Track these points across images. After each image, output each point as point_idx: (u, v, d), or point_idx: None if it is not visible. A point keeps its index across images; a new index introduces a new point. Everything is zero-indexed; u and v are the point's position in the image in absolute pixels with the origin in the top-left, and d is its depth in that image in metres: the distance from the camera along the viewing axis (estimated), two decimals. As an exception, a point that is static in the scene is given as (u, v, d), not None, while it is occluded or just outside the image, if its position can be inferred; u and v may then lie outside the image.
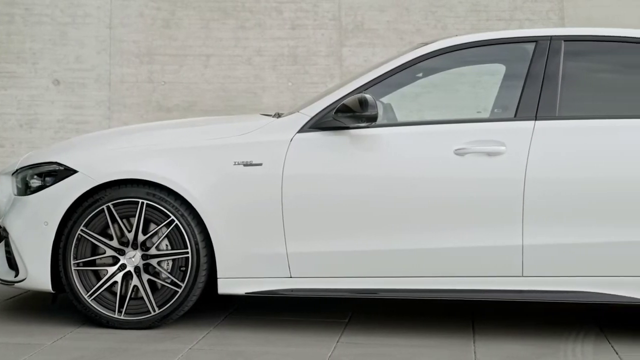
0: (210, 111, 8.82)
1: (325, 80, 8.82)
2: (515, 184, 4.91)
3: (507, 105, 5.34)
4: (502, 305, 5.76)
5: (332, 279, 5.04)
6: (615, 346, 4.93)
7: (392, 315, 5.59)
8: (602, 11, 8.74)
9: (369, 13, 8.88)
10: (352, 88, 5.17)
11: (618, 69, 5.32)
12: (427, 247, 4.95)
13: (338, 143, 5.06)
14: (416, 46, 5.45)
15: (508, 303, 5.67)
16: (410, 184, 4.98)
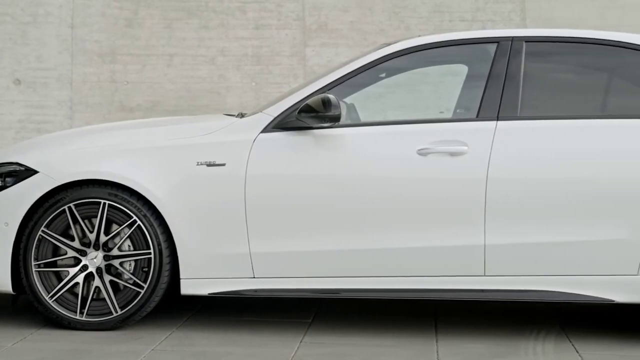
0: (173, 111, 8.79)
1: (289, 80, 8.81)
2: (477, 183, 4.94)
3: (469, 105, 5.37)
4: (465, 304, 5.80)
5: (295, 279, 5.04)
6: (576, 345, 4.97)
7: (356, 315, 5.60)
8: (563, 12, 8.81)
9: (332, 13, 8.89)
10: (316, 88, 5.17)
11: (579, 70, 5.38)
12: (390, 246, 4.97)
13: (301, 143, 5.06)
14: (379, 46, 5.47)
15: (470, 302, 5.70)
16: (373, 184, 4.99)
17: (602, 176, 4.89)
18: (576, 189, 4.90)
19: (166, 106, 8.83)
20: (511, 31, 5.26)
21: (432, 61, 5.66)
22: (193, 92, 8.86)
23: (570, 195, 4.90)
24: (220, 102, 8.82)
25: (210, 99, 8.84)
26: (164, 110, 8.80)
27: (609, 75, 5.32)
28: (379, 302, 5.82)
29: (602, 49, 5.18)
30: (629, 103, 5.21)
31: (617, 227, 4.87)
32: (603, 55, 5.20)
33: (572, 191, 4.90)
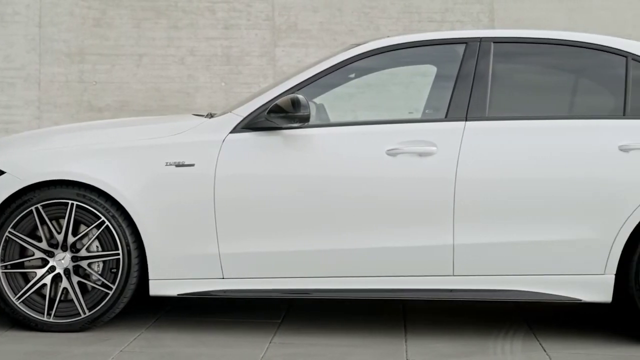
0: (142, 111, 8.75)
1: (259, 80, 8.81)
2: (446, 184, 4.96)
3: (438, 106, 5.39)
4: (434, 303, 5.82)
5: (265, 279, 5.04)
6: (544, 343, 5.01)
7: (325, 315, 5.61)
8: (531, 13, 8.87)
9: (302, 14, 8.89)
10: (285, 88, 5.17)
11: (546, 70, 5.41)
12: (360, 246, 4.98)
13: (270, 143, 5.06)
14: (348, 47, 5.48)
15: (440, 301, 5.72)
16: (343, 184, 5.00)
17: (568, 176, 4.92)
18: (544, 189, 4.93)
19: (135, 106, 8.79)
20: (479, 32, 5.29)
21: (401, 62, 5.68)
22: (162, 92, 8.83)
23: (538, 196, 4.93)
24: (190, 102, 8.79)
25: (180, 99, 8.81)
26: (133, 111, 8.76)
27: (576, 75, 5.36)
28: (349, 302, 5.83)
29: (569, 50, 5.22)
30: (595, 103, 5.26)
31: (584, 226, 4.91)
32: (570, 56, 5.24)
33: (540, 191, 4.93)
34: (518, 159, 4.96)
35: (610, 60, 5.13)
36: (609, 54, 5.13)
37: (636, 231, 4.89)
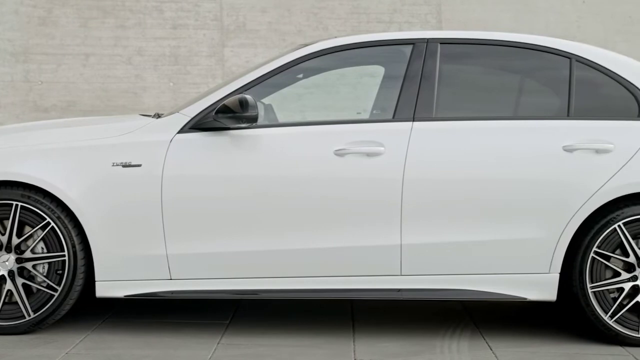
0: (89, 111, 8.67)
1: (207, 80, 8.77)
2: (393, 184, 4.99)
3: (385, 106, 5.42)
4: (382, 303, 5.84)
5: (213, 280, 5.02)
6: (490, 342, 5.05)
7: (274, 315, 5.60)
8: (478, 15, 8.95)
9: (250, 14, 8.88)
10: (233, 89, 5.16)
11: (492, 71, 5.46)
12: (308, 247, 4.98)
13: (218, 144, 5.04)
14: (297, 47, 5.48)
15: (388, 301, 5.75)
16: (291, 185, 5.00)
17: (514, 176, 4.97)
18: (490, 189, 4.98)
19: (82, 106, 8.70)
20: (426, 33, 5.32)
21: (349, 62, 5.70)
22: (109, 92, 8.75)
23: (484, 195, 4.97)
24: (137, 102, 8.73)
25: (127, 99, 8.74)
26: (80, 111, 8.67)
27: (522, 76, 5.42)
28: (297, 302, 5.83)
29: (515, 51, 5.27)
30: (540, 104, 5.32)
31: (529, 226, 4.96)
32: (516, 57, 5.29)
33: (486, 191, 4.97)
34: (465, 160, 5.00)
35: (555, 61, 5.19)
36: (554, 55, 5.19)
37: (580, 230, 4.96)
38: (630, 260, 4.96)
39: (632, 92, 5.11)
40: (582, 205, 4.93)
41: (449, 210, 4.97)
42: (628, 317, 4.97)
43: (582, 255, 4.96)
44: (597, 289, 4.96)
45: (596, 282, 4.96)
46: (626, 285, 4.97)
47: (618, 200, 4.96)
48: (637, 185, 4.94)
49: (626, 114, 5.09)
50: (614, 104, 5.12)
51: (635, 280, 4.96)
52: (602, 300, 4.97)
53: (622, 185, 4.93)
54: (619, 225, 4.93)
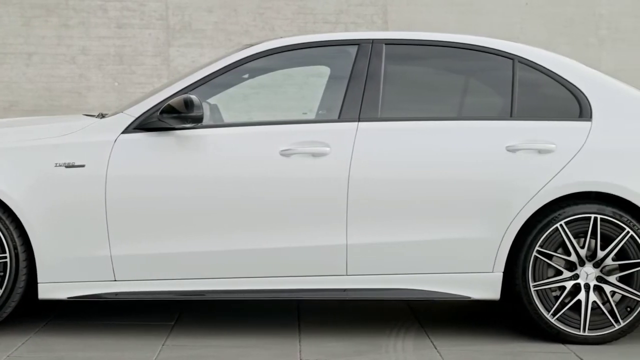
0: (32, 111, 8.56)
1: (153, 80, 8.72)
2: (339, 184, 5.00)
3: (331, 106, 5.43)
4: (328, 303, 5.85)
5: (158, 281, 4.99)
6: (435, 341, 5.09)
7: (220, 316, 5.58)
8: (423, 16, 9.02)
9: (196, 13, 8.84)
10: (178, 89, 5.13)
11: (437, 72, 5.50)
12: (254, 247, 4.98)
13: (163, 144, 5.02)
14: (242, 47, 5.47)
15: (334, 301, 5.76)
16: (236, 185, 4.99)
17: (459, 176, 5.02)
18: (435, 189, 5.01)
19: (25, 106, 8.59)
20: (371, 34, 5.34)
21: (295, 62, 5.70)
22: (53, 92, 8.66)
23: (429, 195, 5.01)
24: (82, 102, 8.65)
25: (71, 99, 8.66)
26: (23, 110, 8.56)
27: (466, 77, 5.46)
28: (244, 303, 5.82)
29: (459, 52, 5.31)
30: (484, 105, 5.37)
31: (473, 226, 5.00)
32: (460, 58, 5.34)
33: (431, 191, 5.01)
34: (409, 160, 5.03)
35: (498, 62, 5.24)
36: (497, 56, 5.25)
37: (523, 230, 5.01)
38: (571, 259, 5.03)
39: (574, 93, 5.18)
40: (524, 205, 4.99)
41: (394, 210, 5.00)
42: (570, 315, 5.03)
43: (525, 255, 5.02)
44: (540, 288, 5.02)
45: (539, 280, 5.02)
46: (568, 283, 5.04)
47: (560, 199, 5.03)
48: (578, 185, 5.01)
49: (568, 114, 5.16)
50: (556, 104, 5.19)
51: (577, 278, 5.03)
52: (544, 298, 5.03)
53: (563, 185, 5.00)
54: (560, 225, 5.00)
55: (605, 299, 5.04)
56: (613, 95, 5.20)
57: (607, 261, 5.03)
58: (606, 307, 5.03)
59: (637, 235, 4.98)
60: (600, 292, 5.04)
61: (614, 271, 5.05)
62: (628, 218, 5.00)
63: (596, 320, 5.03)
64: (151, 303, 5.74)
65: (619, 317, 5.02)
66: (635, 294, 5.01)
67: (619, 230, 5.00)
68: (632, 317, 5.02)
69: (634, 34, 9.34)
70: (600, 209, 5.01)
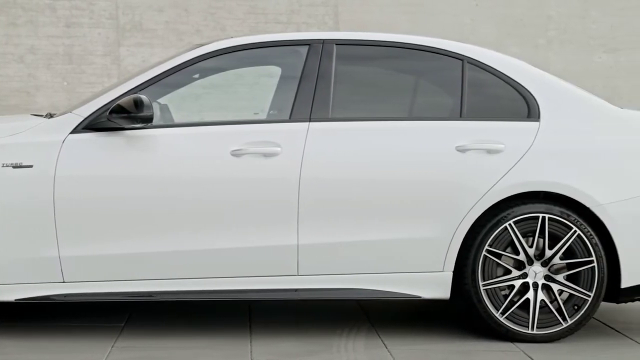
0: (-21, 111, 8.45)
1: (103, 80, 8.65)
2: (290, 184, 5.00)
3: (282, 106, 5.43)
4: (280, 303, 5.85)
5: (107, 282, 4.96)
6: (385, 341, 5.11)
7: (170, 317, 5.56)
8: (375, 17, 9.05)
9: (147, 13, 8.79)
10: (127, 88, 5.10)
11: (388, 73, 5.53)
12: (204, 248, 4.96)
13: (113, 144, 4.98)
14: (193, 47, 5.45)
15: (285, 301, 5.76)
16: (187, 186, 4.97)
17: (409, 176, 5.04)
18: (385, 189, 5.03)
19: (-28, 106, 8.48)
20: (322, 34, 5.35)
21: (246, 62, 5.69)
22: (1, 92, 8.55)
23: (379, 195, 5.03)
24: (30, 101, 8.55)
25: (19, 99, 8.55)
26: (-30, 110, 8.45)
27: (416, 78, 5.49)
28: (195, 304, 5.80)
29: (409, 53, 5.34)
30: (434, 105, 5.41)
31: (424, 226, 5.03)
32: (410, 59, 5.37)
33: (382, 191, 5.03)
34: (360, 160, 5.05)
35: (448, 63, 5.28)
36: (447, 57, 5.28)
37: (472, 229, 5.05)
38: (520, 258, 5.08)
39: (522, 94, 5.23)
40: (474, 204, 5.03)
41: (345, 210, 5.01)
42: (518, 313, 5.08)
43: (475, 254, 5.06)
44: (489, 287, 5.07)
45: (488, 279, 5.07)
46: (517, 282, 5.09)
47: (509, 199, 5.07)
48: (526, 185, 5.06)
49: (516, 115, 5.21)
50: (504, 105, 5.24)
51: (525, 277, 5.09)
52: (493, 297, 5.07)
53: (512, 185, 5.05)
54: (509, 224, 5.05)
55: (553, 298, 5.10)
56: (561, 96, 5.26)
57: (554, 260, 5.09)
58: (554, 305, 5.09)
59: (584, 234, 5.05)
60: (549, 290, 5.10)
61: (561, 270, 5.12)
62: (575, 217, 5.06)
63: (544, 318, 5.09)
64: (101, 304, 5.70)
65: (566, 316, 5.08)
66: (582, 293, 5.07)
67: (567, 229, 5.06)
68: (579, 315, 5.09)
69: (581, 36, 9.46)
70: (548, 209, 5.07)
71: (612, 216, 5.05)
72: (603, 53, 9.50)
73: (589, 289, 5.08)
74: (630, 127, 5.25)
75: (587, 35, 9.46)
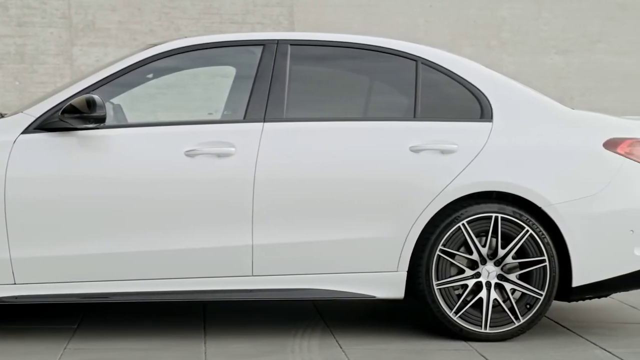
0: None
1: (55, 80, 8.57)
2: (245, 185, 4.99)
3: (237, 107, 5.42)
4: (234, 304, 5.84)
5: (60, 284, 4.91)
6: (340, 341, 5.12)
7: (124, 319, 5.52)
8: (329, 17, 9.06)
9: (100, 12, 8.72)
10: (80, 88, 5.06)
11: (342, 73, 5.54)
12: (159, 249, 4.93)
13: (65, 144, 4.94)
14: (146, 47, 5.42)
15: (240, 302, 5.74)
16: (141, 186, 4.94)
17: (363, 177, 5.05)
18: (340, 190, 5.04)
19: None
20: (277, 34, 5.35)
21: (200, 62, 5.68)
22: (-49, 91, 8.44)
23: (333, 196, 5.03)
24: (-19, 101, 8.44)
25: (-30, 99, 8.45)
26: None
27: (371, 78, 5.51)
28: (149, 305, 5.76)
29: (364, 54, 5.35)
30: (388, 106, 5.43)
31: (378, 226, 5.05)
32: (365, 60, 5.38)
33: (336, 191, 5.04)
34: (314, 160, 5.05)
35: (402, 63, 5.30)
36: (401, 57, 5.30)
37: (426, 229, 5.08)
38: (473, 258, 5.12)
39: (475, 95, 5.27)
40: (428, 204, 5.05)
41: (299, 210, 5.01)
42: (472, 312, 5.12)
43: (429, 254, 5.08)
44: (443, 286, 5.09)
45: (442, 279, 5.09)
46: (470, 282, 5.12)
47: (462, 199, 5.10)
48: (479, 185, 5.10)
49: (470, 115, 5.24)
50: (458, 105, 5.27)
51: (479, 277, 5.12)
52: (447, 297, 5.10)
53: (465, 185, 5.08)
54: (463, 224, 5.08)
55: (506, 297, 5.14)
56: (513, 97, 5.30)
57: (507, 259, 5.13)
58: (507, 304, 5.13)
59: (536, 234, 5.10)
60: (501, 289, 5.14)
61: (514, 269, 5.16)
62: (528, 217, 5.11)
63: (497, 317, 5.13)
64: (53, 306, 5.64)
65: (519, 314, 5.12)
66: (534, 292, 5.12)
67: (519, 229, 5.10)
68: (532, 314, 5.13)
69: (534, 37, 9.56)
70: (501, 209, 5.11)
71: (564, 216, 5.10)
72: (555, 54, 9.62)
73: (541, 288, 5.13)
74: (581, 128, 5.31)
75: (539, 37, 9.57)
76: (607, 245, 5.16)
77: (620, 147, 5.23)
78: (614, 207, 5.17)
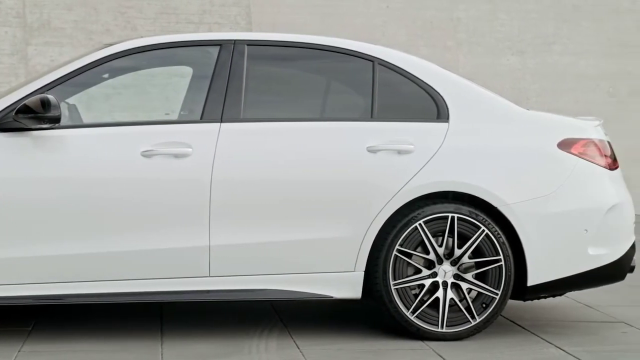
0: None
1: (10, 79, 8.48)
2: (201, 185, 4.98)
3: (194, 107, 5.41)
4: (192, 305, 5.82)
5: (13, 285, 4.86)
6: (298, 341, 5.12)
7: (80, 321, 5.47)
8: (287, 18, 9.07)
9: (55, 11, 8.65)
10: (35, 88, 5.02)
11: (300, 73, 5.54)
12: (114, 250, 4.90)
13: (19, 145, 4.89)
14: (101, 46, 5.38)
15: (197, 303, 5.73)
16: (96, 187, 4.91)
17: (320, 177, 5.06)
18: (297, 190, 5.05)
19: None
20: (234, 34, 5.34)
21: (156, 62, 5.66)
22: None
23: (291, 196, 5.04)
24: None
25: None
26: None
27: (328, 79, 5.52)
28: (105, 306, 5.72)
29: (321, 54, 5.37)
30: (346, 106, 5.44)
31: (335, 226, 5.06)
32: (322, 60, 5.39)
33: (293, 192, 5.04)
34: (272, 161, 5.05)
35: (359, 64, 5.31)
36: (357, 58, 5.32)
37: (383, 229, 5.10)
38: (430, 258, 5.14)
39: (431, 95, 5.30)
40: (385, 204, 5.07)
41: (256, 211, 5.01)
42: (428, 312, 5.14)
43: (386, 254, 5.10)
44: (400, 286, 5.11)
45: (399, 279, 5.11)
46: (427, 281, 5.15)
47: (419, 199, 5.13)
48: (436, 185, 5.13)
49: (426, 116, 5.27)
50: (414, 106, 5.29)
51: (435, 276, 5.15)
52: (404, 296, 5.12)
53: (422, 185, 5.11)
54: (419, 224, 5.10)
55: (462, 296, 5.18)
56: (469, 98, 5.34)
57: (463, 259, 5.16)
58: (463, 304, 5.17)
59: (492, 234, 5.14)
60: (458, 289, 5.17)
61: (470, 269, 5.19)
62: (484, 217, 5.14)
63: (453, 317, 5.16)
64: (6, 308, 5.58)
65: (475, 314, 5.16)
66: (490, 291, 5.16)
67: (475, 229, 5.14)
68: (487, 313, 5.17)
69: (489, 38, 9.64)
70: (457, 209, 5.14)
71: (519, 216, 5.15)
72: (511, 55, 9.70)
73: (496, 287, 5.17)
74: (536, 128, 5.36)
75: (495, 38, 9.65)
76: (562, 244, 5.22)
77: (574, 147, 5.29)
78: (569, 207, 5.22)
